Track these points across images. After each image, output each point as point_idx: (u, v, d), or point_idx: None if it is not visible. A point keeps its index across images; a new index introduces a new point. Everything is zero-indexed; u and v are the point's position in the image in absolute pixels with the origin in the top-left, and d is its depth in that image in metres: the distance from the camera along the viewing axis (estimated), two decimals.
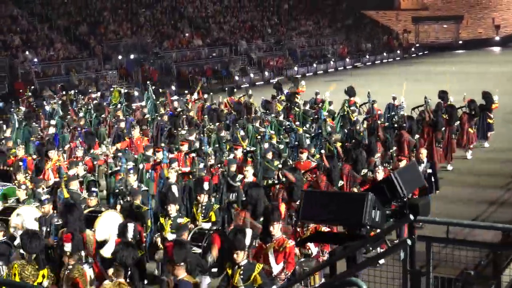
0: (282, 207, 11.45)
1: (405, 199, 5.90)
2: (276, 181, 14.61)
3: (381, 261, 6.62)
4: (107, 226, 11.41)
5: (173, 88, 36.07)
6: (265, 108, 24.34)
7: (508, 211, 15.61)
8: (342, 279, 5.26)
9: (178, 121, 21.28)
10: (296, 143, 19.10)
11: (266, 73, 49.20)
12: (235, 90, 29.00)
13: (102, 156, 17.13)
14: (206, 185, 12.28)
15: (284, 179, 13.48)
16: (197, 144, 17.85)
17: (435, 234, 6.31)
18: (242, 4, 63.52)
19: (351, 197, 6.09)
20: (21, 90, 30.28)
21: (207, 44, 51.47)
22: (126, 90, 30.04)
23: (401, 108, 22.63)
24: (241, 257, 8.35)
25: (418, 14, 78.39)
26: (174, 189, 11.93)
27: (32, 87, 33.82)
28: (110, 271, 9.75)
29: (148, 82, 28.89)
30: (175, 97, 27.19)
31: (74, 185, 13.65)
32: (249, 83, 43.40)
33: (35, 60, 39.95)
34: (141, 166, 15.49)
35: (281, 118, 22.24)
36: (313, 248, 10.27)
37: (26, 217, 12.00)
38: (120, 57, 44.35)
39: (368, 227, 5.54)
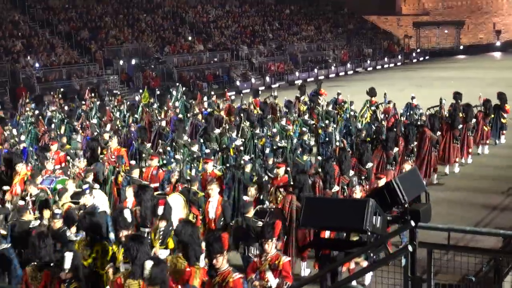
0: (279, 225, 11.37)
1: (406, 205, 5.89)
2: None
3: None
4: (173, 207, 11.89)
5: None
6: (287, 108, 25.30)
7: (509, 216, 15.58)
8: (343, 285, 5.25)
9: (212, 120, 21.69)
10: (327, 139, 19.90)
11: (267, 78, 49.23)
12: (259, 92, 30.91)
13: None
14: (160, 210, 10.84)
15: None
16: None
17: (436, 240, 6.29)
18: (243, 9, 63.63)
19: (352, 203, 6.08)
20: (24, 94, 30.35)
21: (209, 49, 51.54)
22: (158, 92, 31.08)
23: (418, 107, 23.66)
24: (220, 261, 8.38)
25: (419, 19, 78.58)
26: (127, 213, 10.36)
27: (36, 93, 34.04)
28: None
29: (178, 84, 31.01)
30: (205, 98, 28.19)
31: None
32: (250, 88, 43.42)
33: (37, 65, 39.98)
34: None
35: (306, 117, 23.63)
36: (272, 280, 9.24)
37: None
38: (121, 62, 44.39)
39: (369, 233, 5.53)
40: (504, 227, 14.02)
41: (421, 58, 68.42)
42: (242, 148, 17.87)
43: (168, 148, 17.89)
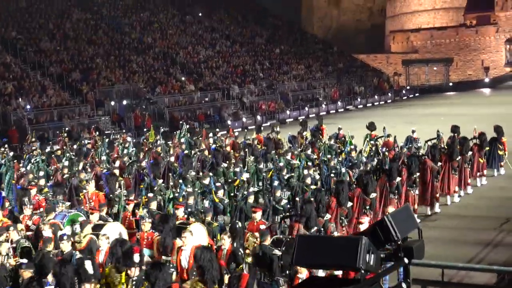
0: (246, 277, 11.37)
1: (399, 242, 5.88)
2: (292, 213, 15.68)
3: None
4: (194, 235, 12.56)
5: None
6: (291, 143, 26.81)
7: (503, 252, 15.55)
8: None
9: (219, 155, 22.53)
10: (332, 171, 20.30)
11: (258, 117, 49.40)
12: (261, 127, 32.48)
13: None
14: (136, 257, 10.44)
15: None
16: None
17: (430, 277, 6.27)
18: (234, 49, 64.15)
19: (345, 241, 6.06)
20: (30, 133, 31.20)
21: (200, 89, 51.75)
22: (163, 129, 32.16)
23: (418, 141, 24.84)
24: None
25: (408, 57, 79.35)
26: (88, 265, 10.18)
27: (40, 132, 34.90)
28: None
29: (181, 121, 33.99)
30: (210, 134, 29.89)
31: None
32: (241, 127, 43.54)
33: (28, 107, 40.04)
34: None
35: (309, 151, 24.51)
36: None
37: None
38: (112, 103, 44.50)
39: (362, 271, 5.51)
40: (498, 263, 13.97)
41: (411, 95, 68.92)
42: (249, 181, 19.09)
43: (180, 181, 18.61)
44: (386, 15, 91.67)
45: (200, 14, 69.95)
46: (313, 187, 18.12)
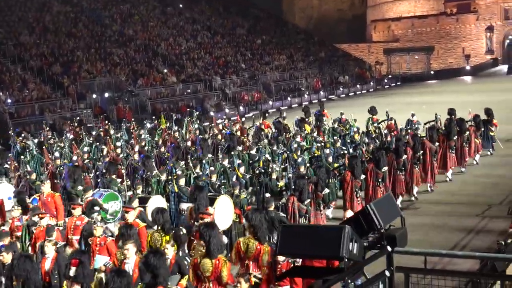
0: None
1: (382, 231, 5.90)
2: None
3: None
4: (223, 205, 15.05)
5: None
6: (298, 126, 28.51)
7: (485, 238, 15.68)
8: None
9: (235, 138, 24.49)
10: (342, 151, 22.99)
11: (241, 107, 49.35)
12: (267, 114, 34.56)
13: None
14: (72, 271, 9.60)
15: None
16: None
17: (413, 264, 6.30)
18: (215, 40, 63.98)
19: (328, 230, 6.07)
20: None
21: (182, 80, 51.60)
22: (175, 116, 35.26)
23: (418, 123, 26.99)
24: None
25: (389, 46, 79.52)
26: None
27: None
28: None
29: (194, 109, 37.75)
30: (219, 121, 32.56)
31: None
32: (223, 118, 43.47)
33: (9, 101, 39.75)
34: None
35: (315, 134, 26.81)
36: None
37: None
38: (94, 96, 44.27)
39: (346, 259, 5.53)
40: (481, 249, 14.09)
41: (393, 84, 69.07)
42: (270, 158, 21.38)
43: (204, 161, 20.90)
44: (367, 5, 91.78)
45: (181, 6, 69.70)
46: (335, 164, 20.54)
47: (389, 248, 5.66)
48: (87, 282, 9.74)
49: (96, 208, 14.73)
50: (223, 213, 14.87)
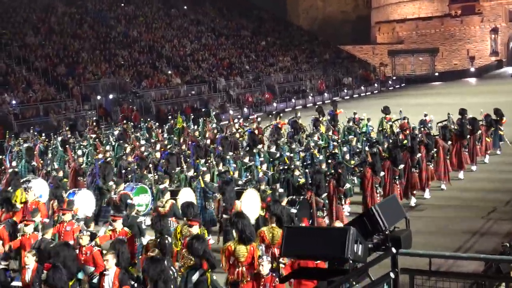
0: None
1: (386, 232, 5.90)
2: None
3: None
4: (250, 198, 15.96)
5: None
6: (315, 126, 28.78)
7: (490, 240, 15.65)
8: None
9: (255, 137, 25.72)
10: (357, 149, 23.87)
11: (245, 109, 49.33)
12: (281, 114, 34.50)
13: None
14: (43, 275, 9.86)
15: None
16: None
17: (418, 266, 6.29)
18: (220, 42, 63.99)
19: (333, 232, 6.07)
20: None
21: (186, 82, 51.61)
22: (192, 116, 36.63)
23: (431, 122, 27.38)
24: None
25: (394, 47, 79.38)
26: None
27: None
28: None
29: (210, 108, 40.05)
30: (236, 120, 33.88)
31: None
32: (228, 120, 43.42)
33: (13, 102, 39.80)
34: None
35: (330, 133, 27.17)
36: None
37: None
38: (98, 97, 44.29)
39: (351, 261, 5.53)
40: (485, 251, 14.07)
41: (397, 86, 68.91)
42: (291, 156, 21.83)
43: (228, 157, 21.94)
44: (372, 6, 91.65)
45: (185, 7, 69.73)
46: (352, 162, 21.15)
47: (393, 250, 5.65)
48: (58, 286, 9.61)
49: (129, 201, 15.82)
50: (249, 206, 15.55)
